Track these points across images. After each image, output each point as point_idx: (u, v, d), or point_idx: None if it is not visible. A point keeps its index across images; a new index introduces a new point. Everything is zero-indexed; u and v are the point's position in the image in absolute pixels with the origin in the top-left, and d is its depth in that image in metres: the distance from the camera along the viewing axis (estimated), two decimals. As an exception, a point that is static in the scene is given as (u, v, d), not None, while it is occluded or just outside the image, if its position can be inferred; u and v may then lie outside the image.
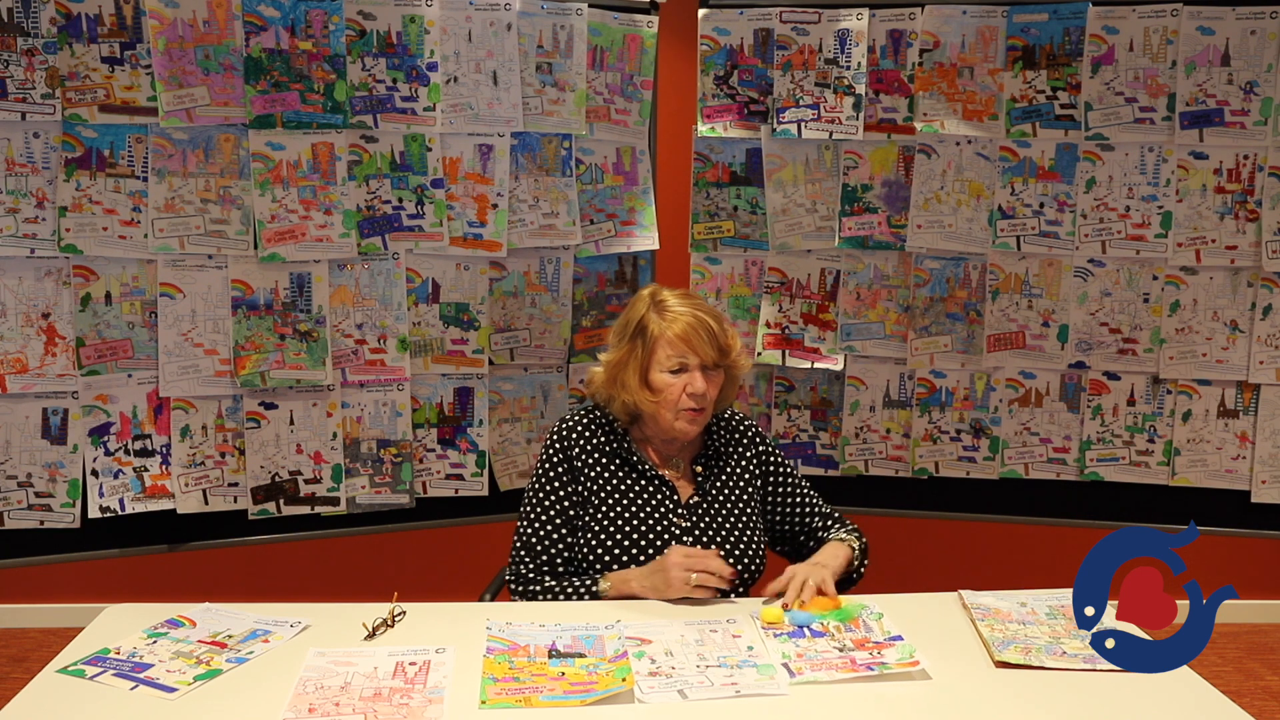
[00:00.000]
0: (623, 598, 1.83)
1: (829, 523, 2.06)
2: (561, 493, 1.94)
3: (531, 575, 1.92)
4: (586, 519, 1.93)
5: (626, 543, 1.90)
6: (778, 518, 2.06)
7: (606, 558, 1.90)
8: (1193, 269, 2.57)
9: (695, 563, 1.79)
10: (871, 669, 1.54)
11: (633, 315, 1.96)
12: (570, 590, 1.88)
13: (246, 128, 2.32)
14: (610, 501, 1.93)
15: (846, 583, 1.94)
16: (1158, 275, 2.58)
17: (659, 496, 1.94)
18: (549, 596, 1.89)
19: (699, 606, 1.79)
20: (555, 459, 1.96)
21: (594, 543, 1.90)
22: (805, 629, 1.68)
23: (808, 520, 2.07)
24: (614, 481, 1.95)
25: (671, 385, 1.89)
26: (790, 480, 2.07)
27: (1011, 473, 2.69)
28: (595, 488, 1.94)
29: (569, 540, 1.94)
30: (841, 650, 1.60)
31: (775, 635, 1.66)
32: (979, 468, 2.70)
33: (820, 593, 1.76)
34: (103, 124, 2.24)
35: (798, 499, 2.07)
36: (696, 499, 1.96)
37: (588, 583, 1.87)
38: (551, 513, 1.94)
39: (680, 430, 1.93)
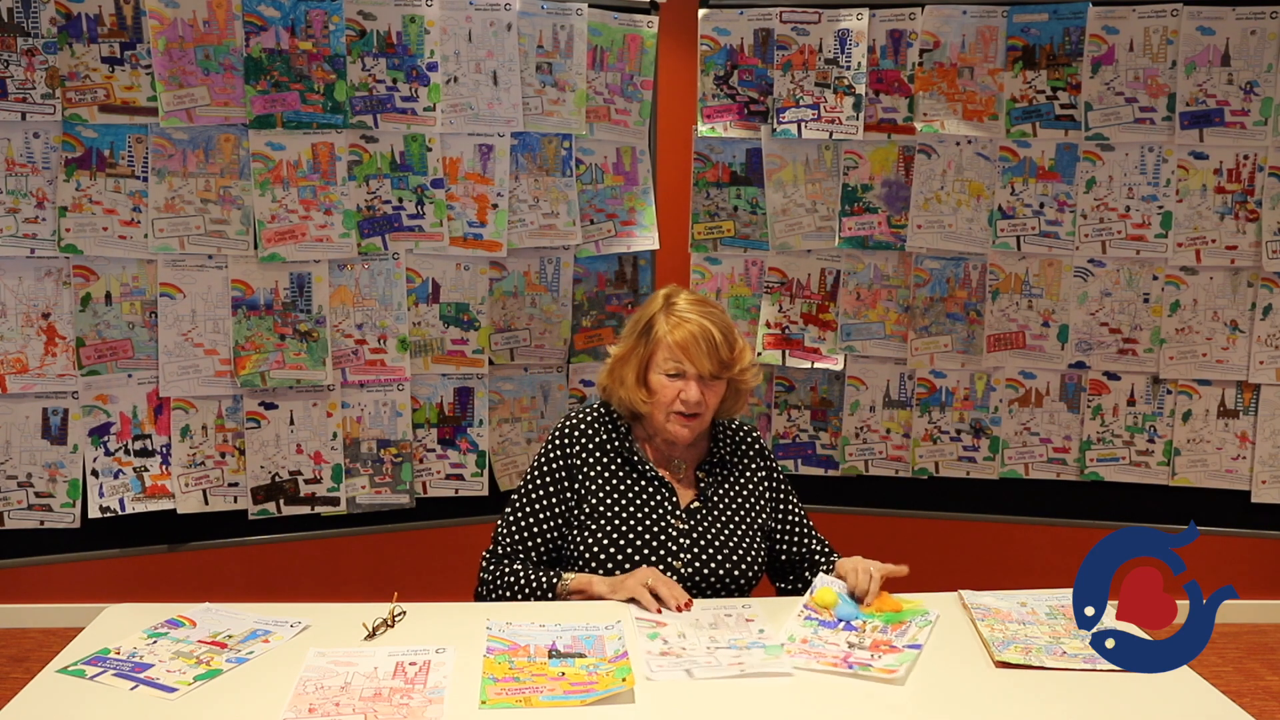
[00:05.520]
0: (578, 593, 1.84)
1: (825, 548, 2.04)
2: (554, 489, 1.94)
3: (504, 555, 1.92)
4: (582, 518, 1.92)
5: (622, 541, 1.88)
6: (780, 540, 2.02)
7: (602, 555, 1.88)
8: (1193, 269, 2.57)
9: (659, 580, 1.79)
10: (851, 666, 1.54)
11: (645, 313, 1.96)
12: (532, 580, 1.87)
13: (246, 128, 2.32)
14: (609, 501, 1.92)
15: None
16: (1158, 275, 2.58)
17: (658, 498, 1.93)
18: (510, 580, 1.88)
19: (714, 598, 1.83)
20: (553, 455, 1.96)
21: (589, 540, 1.89)
22: (847, 623, 1.69)
23: (807, 543, 2.03)
24: (613, 481, 1.94)
25: (666, 388, 1.90)
26: (793, 504, 2.05)
27: (1011, 473, 2.69)
28: (594, 487, 1.93)
29: (550, 536, 1.93)
30: (850, 647, 1.61)
31: (809, 618, 1.69)
32: (979, 468, 2.70)
33: (884, 591, 1.77)
34: (103, 124, 2.24)
35: (799, 523, 2.04)
36: (698, 504, 1.94)
37: (551, 578, 1.86)
38: (539, 505, 1.94)
39: (671, 433, 1.92)
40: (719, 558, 1.89)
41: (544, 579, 1.87)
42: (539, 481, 1.95)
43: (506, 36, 2.48)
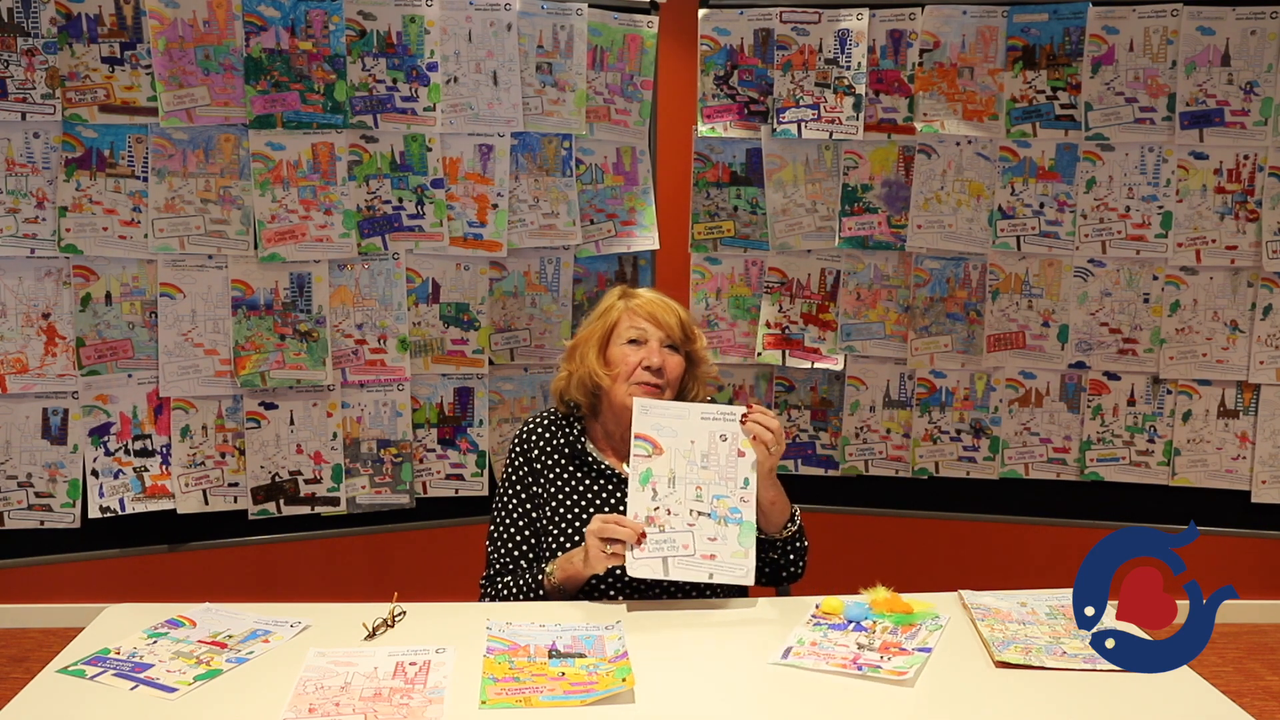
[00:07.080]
0: (568, 579, 1.82)
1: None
2: (524, 494, 1.95)
3: (496, 574, 1.93)
4: (544, 522, 1.93)
5: (581, 541, 1.87)
6: None
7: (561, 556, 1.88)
8: (1193, 269, 2.57)
9: (604, 529, 1.74)
10: (860, 668, 1.54)
11: (602, 303, 2.02)
12: (524, 588, 1.87)
13: (246, 128, 2.32)
14: (568, 503, 1.92)
15: (771, 558, 1.90)
16: (1158, 275, 2.58)
17: (616, 497, 1.92)
18: (505, 596, 1.89)
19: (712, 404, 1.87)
20: (517, 461, 1.97)
21: (553, 545, 1.90)
22: (857, 623, 1.69)
23: None
24: (571, 482, 1.94)
25: (627, 356, 1.90)
26: None
27: (1011, 473, 2.69)
28: (553, 490, 1.93)
29: (532, 542, 1.94)
30: (859, 648, 1.61)
31: (819, 623, 1.69)
32: (979, 468, 2.70)
33: (893, 592, 1.76)
34: (103, 124, 2.24)
35: None
36: None
37: (537, 577, 1.86)
38: (515, 515, 1.94)
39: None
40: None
41: (533, 582, 1.87)
42: (511, 491, 1.96)
43: (506, 36, 2.48)
